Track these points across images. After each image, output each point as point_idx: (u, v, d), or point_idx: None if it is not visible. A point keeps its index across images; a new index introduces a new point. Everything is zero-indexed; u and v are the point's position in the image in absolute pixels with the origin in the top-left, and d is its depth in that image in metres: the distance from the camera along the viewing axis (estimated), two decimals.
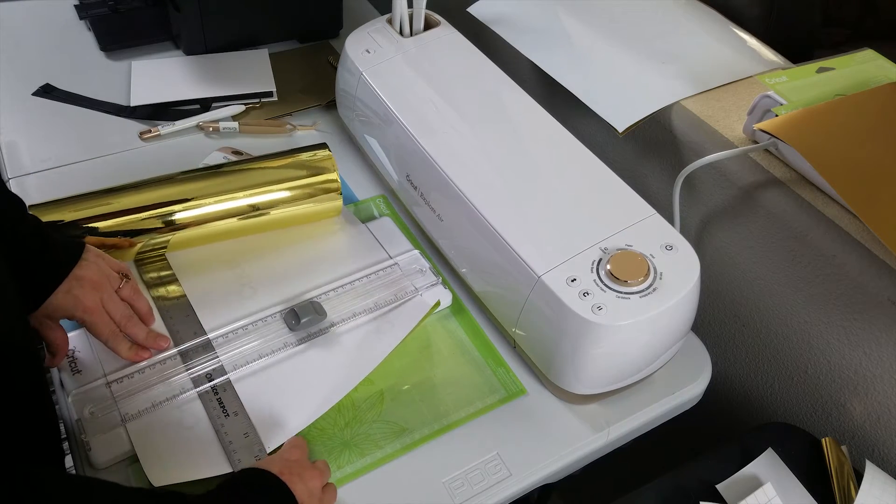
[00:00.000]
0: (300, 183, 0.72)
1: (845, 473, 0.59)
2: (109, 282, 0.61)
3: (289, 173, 0.72)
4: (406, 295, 0.69)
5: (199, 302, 0.67)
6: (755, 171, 0.69)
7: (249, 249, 0.72)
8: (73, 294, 0.58)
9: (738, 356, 0.78)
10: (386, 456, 0.59)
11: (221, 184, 0.70)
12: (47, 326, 0.60)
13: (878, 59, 0.73)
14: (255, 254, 0.72)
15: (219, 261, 0.71)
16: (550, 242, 0.60)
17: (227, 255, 0.71)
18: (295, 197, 0.72)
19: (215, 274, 0.70)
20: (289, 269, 0.71)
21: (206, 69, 0.94)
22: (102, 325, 0.60)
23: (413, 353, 0.67)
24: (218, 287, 0.69)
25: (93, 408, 0.59)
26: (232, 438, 0.58)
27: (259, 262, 0.71)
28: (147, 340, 0.63)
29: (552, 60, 0.83)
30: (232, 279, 0.69)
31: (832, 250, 0.64)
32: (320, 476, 0.54)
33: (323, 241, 0.74)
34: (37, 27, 1.00)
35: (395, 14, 0.80)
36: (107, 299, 0.60)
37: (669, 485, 0.59)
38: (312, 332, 0.65)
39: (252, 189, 0.71)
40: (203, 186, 0.70)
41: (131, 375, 0.61)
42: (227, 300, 0.68)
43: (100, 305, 0.60)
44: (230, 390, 0.61)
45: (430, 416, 0.62)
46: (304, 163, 0.73)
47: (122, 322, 0.61)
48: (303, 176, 0.72)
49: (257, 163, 0.73)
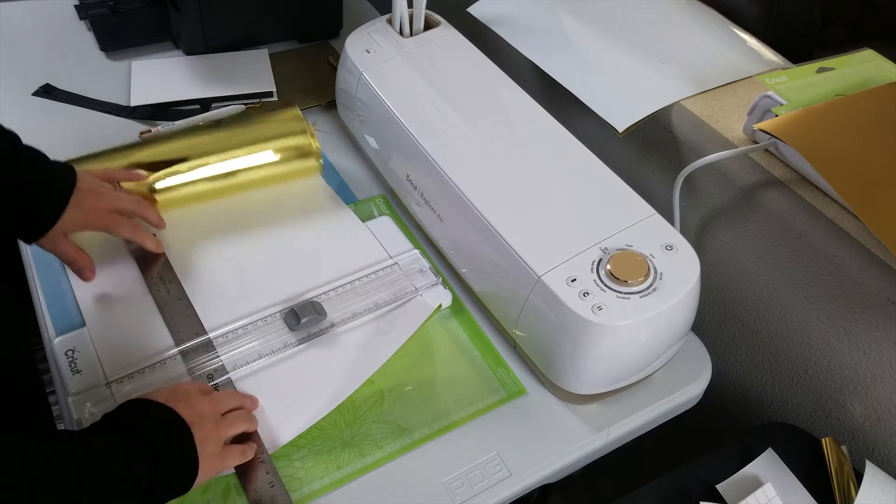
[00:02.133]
0: (276, 144, 0.77)
1: (845, 473, 0.59)
2: (105, 188, 0.66)
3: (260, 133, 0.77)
4: (406, 295, 0.69)
5: (200, 302, 0.67)
6: (755, 171, 0.69)
7: (250, 249, 0.72)
8: (82, 206, 0.63)
9: (738, 356, 0.78)
10: (386, 456, 0.59)
11: (196, 145, 0.75)
12: (62, 244, 0.64)
13: (878, 59, 0.73)
14: (255, 253, 0.72)
15: (220, 260, 0.71)
16: (550, 242, 0.60)
17: (228, 254, 0.72)
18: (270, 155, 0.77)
19: (216, 274, 0.70)
20: (289, 269, 0.71)
21: (206, 69, 0.94)
22: (119, 225, 0.66)
23: (413, 353, 0.67)
24: (219, 287, 0.69)
25: (93, 408, 0.59)
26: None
27: (260, 261, 0.71)
28: (160, 220, 0.70)
29: (552, 60, 0.83)
30: (232, 279, 0.69)
31: (832, 250, 0.64)
32: (212, 403, 0.54)
33: (323, 241, 0.74)
34: (37, 27, 1.00)
35: (395, 14, 0.80)
36: (112, 201, 0.66)
37: (669, 485, 0.59)
38: (313, 333, 0.65)
39: (227, 152, 0.75)
40: (177, 148, 0.74)
41: (131, 375, 0.61)
42: (228, 300, 0.68)
43: (107, 210, 0.65)
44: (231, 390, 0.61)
45: (430, 416, 0.62)
46: (275, 124, 0.79)
47: (136, 210, 0.68)
48: (276, 136, 0.78)
49: (231, 125, 0.78)
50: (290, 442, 0.59)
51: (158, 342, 0.64)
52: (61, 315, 0.66)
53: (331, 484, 0.58)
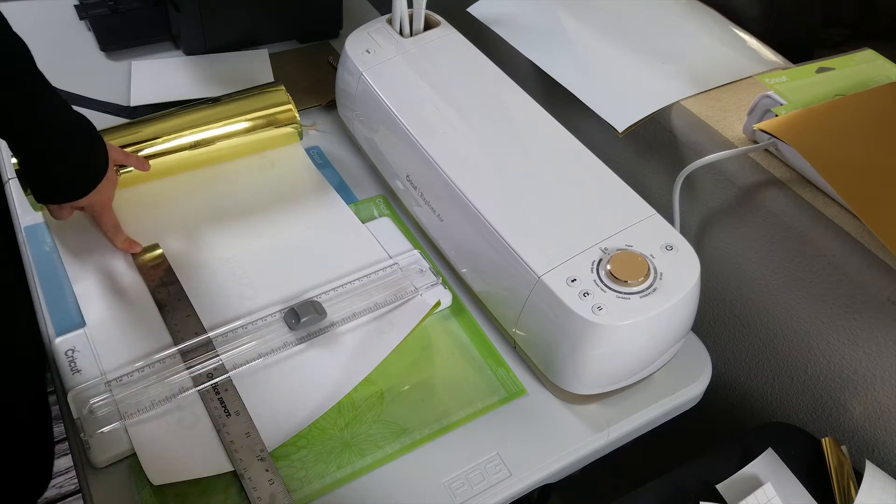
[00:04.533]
0: (256, 115, 0.80)
1: (845, 473, 0.59)
2: (113, 178, 0.68)
3: (243, 106, 0.80)
4: (406, 295, 0.69)
5: (200, 301, 0.67)
6: (755, 171, 0.69)
7: (250, 248, 0.72)
8: (99, 190, 0.66)
9: (738, 356, 0.78)
10: (386, 456, 0.59)
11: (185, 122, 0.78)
12: (65, 211, 0.67)
13: (878, 59, 0.73)
14: (255, 253, 0.72)
15: (219, 260, 0.71)
16: (550, 242, 0.60)
17: (229, 254, 0.72)
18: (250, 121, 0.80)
19: (215, 273, 0.70)
20: (289, 269, 0.71)
21: (206, 69, 0.94)
22: (110, 221, 0.69)
23: (413, 353, 0.67)
24: (218, 286, 0.69)
25: (92, 407, 0.59)
26: (233, 438, 0.58)
27: (259, 261, 0.71)
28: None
29: (552, 60, 0.83)
30: (232, 278, 0.69)
31: (832, 250, 0.64)
32: None
33: (322, 241, 0.74)
34: (37, 27, 1.00)
35: (395, 14, 0.80)
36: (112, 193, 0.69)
37: (669, 485, 0.59)
38: (312, 332, 0.65)
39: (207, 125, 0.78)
40: (161, 127, 0.76)
41: (131, 374, 0.61)
42: (228, 299, 0.68)
43: (110, 201, 0.69)
44: (231, 390, 0.61)
45: (430, 417, 0.62)
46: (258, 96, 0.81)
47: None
48: (258, 107, 0.80)
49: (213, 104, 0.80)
50: (290, 441, 0.59)
51: (158, 341, 0.64)
52: (61, 315, 0.66)
53: (331, 484, 0.58)
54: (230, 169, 0.80)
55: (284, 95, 0.81)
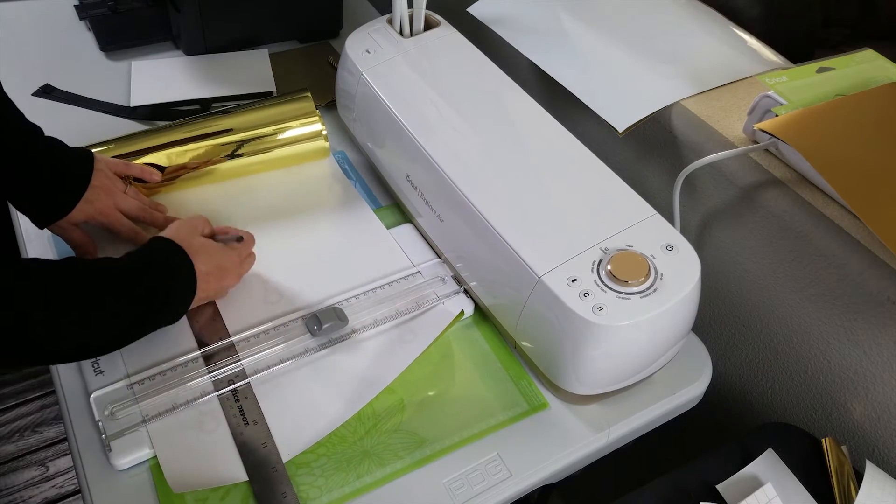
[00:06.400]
0: (283, 125, 0.80)
1: (845, 473, 0.59)
2: (117, 186, 0.69)
3: (272, 115, 0.80)
4: (428, 303, 0.69)
5: (225, 305, 0.67)
6: (755, 171, 0.69)
7: (276, 253, 0.72)
8: (90, 202, 0.66)
9: (739, 356, 0.78)
10: (405, 467, 0.59)
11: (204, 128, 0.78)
12: (70, 231, 0.67)
13: (878, 59, 0.73)
14: (281, 258, 0.72)
15: None
16: (551, 243, 0.60)
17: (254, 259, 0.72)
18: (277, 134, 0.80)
19: (242, 278, 0.70)
20: (313, 275, 0.71)
21: (206, 69, 0.94)
22: (120, 225, 0.69)
23: (434, 362, 0.66)
24: (243, 291, 0.69)
25: (114, 408, 0.59)
26: (251, 448, 0.58)
27: (284, 266, 0.71)
28: (167, 221, 0.70)
29: (552, 60, 0.83)
30: (257, 284, 0.69)
31: (832, 250, 0.64)
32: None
33: (348, 248, 0.74)
34: (37, 27, 1.00)
35: (395, 14, 0.80)
36: (119, 201, 0.68)
37: (669, 485, 0.59)
38: (334, 338, 0.65)
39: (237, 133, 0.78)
40: (187, 132, 0.77)
41: (153, 377, 0.61)
42: (253, 304, 0.68)
43: (114, 208, 0.68)
44: (251, 398, 0.61)
45: (450, 428, 0.61)
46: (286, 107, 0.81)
47: (140, 215, 0.70)
48: (286, 118, 0.80)
49: (242, 111, 0.80)
50: (310, 450, 0.59)
51: (182, 344, 0.64)
52: None
53: (350, 493, 0.57)
54: (258, 175, 0.80)
55: (311, 106, 0.81)
